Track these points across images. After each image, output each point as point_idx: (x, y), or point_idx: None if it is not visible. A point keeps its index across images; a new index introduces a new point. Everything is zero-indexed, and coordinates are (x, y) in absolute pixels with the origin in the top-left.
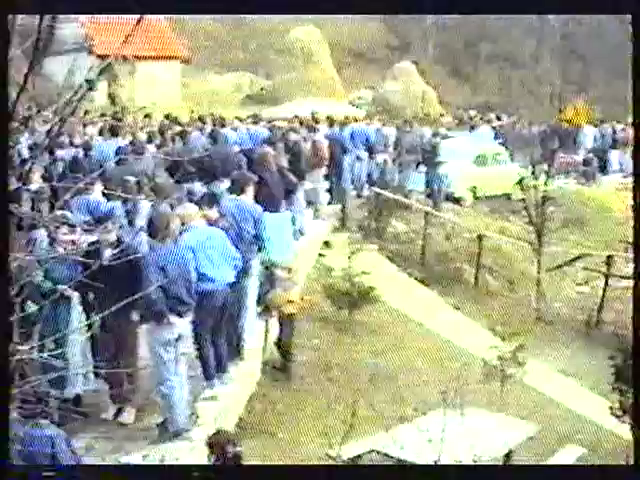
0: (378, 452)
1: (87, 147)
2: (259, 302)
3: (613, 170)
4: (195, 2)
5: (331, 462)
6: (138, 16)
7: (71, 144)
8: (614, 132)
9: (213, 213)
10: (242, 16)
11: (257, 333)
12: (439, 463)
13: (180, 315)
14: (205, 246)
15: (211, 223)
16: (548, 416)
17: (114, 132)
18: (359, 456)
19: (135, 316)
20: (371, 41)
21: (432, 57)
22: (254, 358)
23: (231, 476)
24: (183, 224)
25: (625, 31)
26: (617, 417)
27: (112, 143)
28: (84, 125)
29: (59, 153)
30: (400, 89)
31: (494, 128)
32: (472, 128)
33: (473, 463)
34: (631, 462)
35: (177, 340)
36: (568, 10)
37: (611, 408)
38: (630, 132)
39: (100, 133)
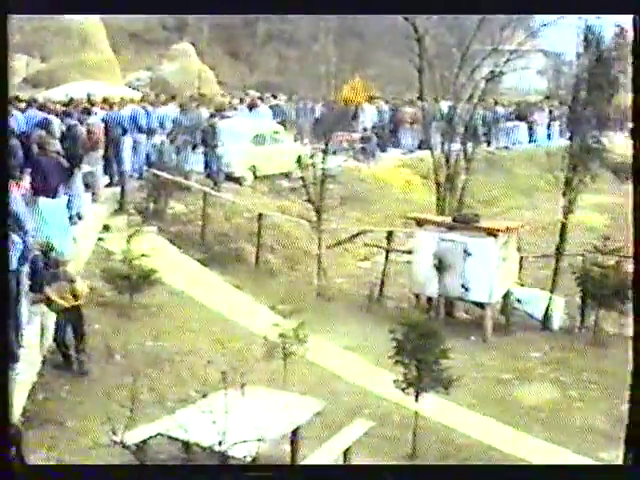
0: (163, 436)
1: None
2: (34, 290)
3: (403, 146)
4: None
5: (118, 448)
6: None
7: None
8: (394, 110)
9: None
10: None
11: (35, 322)
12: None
13: None
14: None
15: None
16: (333, 392)
17: None
18: (145, 441)
19: None
20: (148, 22)
21: (209, 38)
22: (34, 347)
23: None
24: None
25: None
26: (402, 390)
27: None
28: None
29: None
30: (178, 70)
31: (272, 107)
32: (250, 108)
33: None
34: (420, 433)
35: None
36: (569, 10)
37: (395, 381)
38: (408, 110)
39: None
